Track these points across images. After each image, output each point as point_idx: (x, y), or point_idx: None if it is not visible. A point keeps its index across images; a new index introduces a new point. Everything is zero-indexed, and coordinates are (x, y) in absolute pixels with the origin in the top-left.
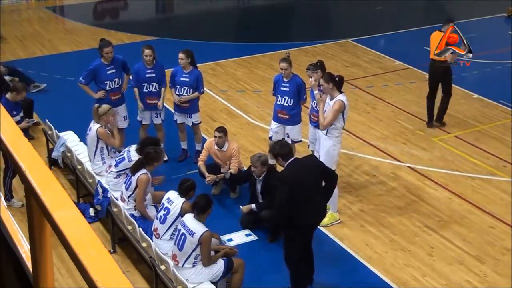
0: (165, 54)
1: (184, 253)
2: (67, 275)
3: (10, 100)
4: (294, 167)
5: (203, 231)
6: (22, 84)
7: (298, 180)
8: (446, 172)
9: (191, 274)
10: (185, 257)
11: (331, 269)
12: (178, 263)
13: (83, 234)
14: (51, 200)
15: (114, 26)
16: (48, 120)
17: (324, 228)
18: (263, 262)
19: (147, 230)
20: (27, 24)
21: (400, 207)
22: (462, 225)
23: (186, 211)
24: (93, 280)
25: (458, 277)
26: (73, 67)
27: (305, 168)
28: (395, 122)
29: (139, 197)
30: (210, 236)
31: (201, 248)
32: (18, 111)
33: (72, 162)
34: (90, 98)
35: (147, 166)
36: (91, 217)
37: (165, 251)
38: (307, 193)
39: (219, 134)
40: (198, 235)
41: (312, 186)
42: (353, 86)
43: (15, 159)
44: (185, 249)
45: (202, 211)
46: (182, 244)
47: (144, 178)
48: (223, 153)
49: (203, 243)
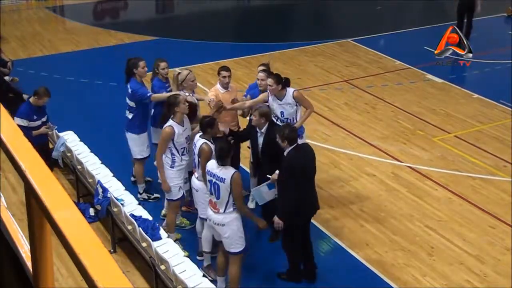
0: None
1: (223, 200)
2: (67, 275)
3: (32, 104)
4: (298, 154)
5: (231, 173)
6: (44, 89)
7: (302, 167)
8: (446, 172)
9: (232, 219)
10: (224, 203)
11: (331, 269)
12: (219, 210)
13: (83, 234)
14: (51, 200)
15: (114, 26)
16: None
17: (324, 228)
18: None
19: (147, 230)
20: (27, 24)
21: (400, 207)
22: (462, 225)
23: (204, 150)
24: (93, 280)
25: (458, 277)
26: (73, 67)
27: (306, 155)
28: (395, 122)
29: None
30: (240, 176)
31: (232, 189)
32: (40, 116)
33: (72, 162)
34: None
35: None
36: (91, 217)
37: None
38: (308, 180)
39: (228, 73)
40: (228, 178)
41: (312, 173)
42: (353, 86)
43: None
44: (222, 196)
45: (225, 156)
46: (218, 192)
47: (165, 130)
48: (229, 94)
49: (234, 184)
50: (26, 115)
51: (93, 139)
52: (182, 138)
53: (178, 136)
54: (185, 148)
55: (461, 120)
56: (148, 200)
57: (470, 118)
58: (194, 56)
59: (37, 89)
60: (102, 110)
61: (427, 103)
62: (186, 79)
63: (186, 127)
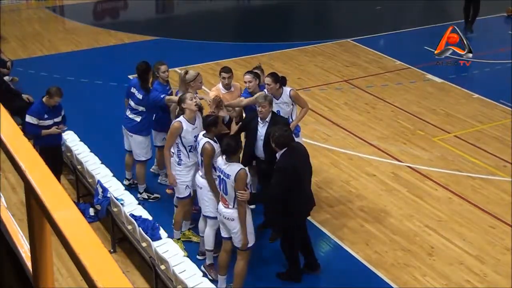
0: (165, 54)
1: (230, 196)
2: (67, 275)
3: (44, 103)
4: (290, 156)
5: (237, 170)
6: (56, 88)
7: (294, 168)
8: (446, 172)
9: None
10: (232, 199)
11: (331, 268)
12: (228, 205)
13: (83, 234)
14: (51, 200)
15: (114, 26)
16: None
17: (324, 227)
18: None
19: (147, 230)
20: (27, 24)
21: (400, 207)
22: (462, 225)
23: (206, 149)
24: (93, 280)
25: (458, 277)
26: (73, 67)
27: (299, 155)
28: (395, 122)
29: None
30: (245, 173)
31: (236, 186)
32: (52, 116)
33: (72, 162)
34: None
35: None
36: (91, 217)
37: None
38: (301, 181)
39: (228, 74)
40: (233, 175)
41: (306, 173)
42: (353, 86)
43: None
44: (229, 192)
45: (233, 153)
46: (225, 188)
47: (173, 125)
48: (232, 94)
49: (237, 181)
50: (36, 113)
51: (93, 139)
52: (190, 136)
53: (186, 132)
54: (193, 147)
55: (461, 120)
56: (148, 200)
57: (470, 118)
58: (194, 56)
59: (49, 88)
60: (102, 110)
61: (427, 103)
62: (195, 79)
63: (196, 125)
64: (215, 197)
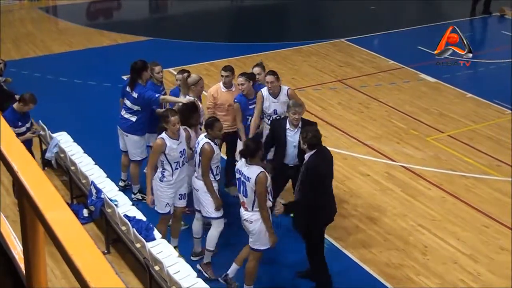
0: (159, 55)
1: (250, 199)
2: (60, 276)
3: (17, 110)
4: (319, 159)
5: (257, 173)
6: (30, 95)
7: (323, 173)
8: (439, 171)
9: (259, 218)
10: (251, 202)
11: None
12: (247, 208)
13: (76, 235)
14: (44, 201)
15: (108, 26)
16: (41, 121)
17: None
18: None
19: (141, 231)
20: (20, 25)
21: (394, 206)
22: (455, 224)
23: (205, 150)
24: (86, 281)
25: (452, 276)
26: (66, 67)
27: (326, 159)
28: (389, 122)
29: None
30: (265, 176)
31: (256, 189)
32: (24, 122)
33: (65, 163)
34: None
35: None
36: (85, 218)
37: (198, 187)
38: (328, 185)
39: (227, 73)
40: (254, 177)
41: (331, 176)
42: (347, 86)
43: (7, 160)
44: (249, 195)
45: (251, 155)
46: (245, 191)
47: (156, 142)
48: (231, 93)
49: (257, 184)
50: (11, 122)
51: (86, 140)
52: (175, 152)
53: (171, 149)
54: (179, 163)
55: (454, 120)
56: (142, 200)
57: (464, 117)
58: (188, 56)
59: (23, 95)
60: (95, 110)
61: (420, 102)
62: (197, 84)
63: (180, 141)
64: (213, 198)
